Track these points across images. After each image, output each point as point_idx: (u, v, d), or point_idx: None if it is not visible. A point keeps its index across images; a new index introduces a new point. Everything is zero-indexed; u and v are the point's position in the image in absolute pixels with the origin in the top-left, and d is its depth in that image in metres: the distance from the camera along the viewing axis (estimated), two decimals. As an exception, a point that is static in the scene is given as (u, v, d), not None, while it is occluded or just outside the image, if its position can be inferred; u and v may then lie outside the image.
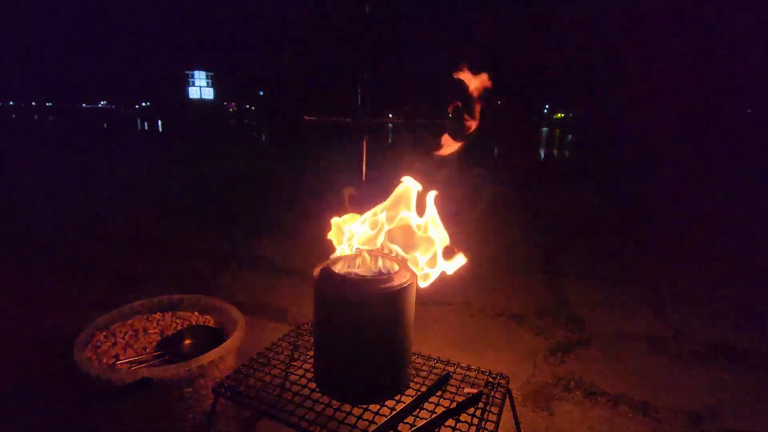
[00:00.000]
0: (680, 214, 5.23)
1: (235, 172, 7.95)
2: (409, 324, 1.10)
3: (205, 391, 1.40)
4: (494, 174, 7.34)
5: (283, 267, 3.11)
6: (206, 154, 10.51)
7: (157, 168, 8.15)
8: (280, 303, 2.53)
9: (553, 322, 2.37)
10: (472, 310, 2.51)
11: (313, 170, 7.76)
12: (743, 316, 2.54)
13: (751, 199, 6.18)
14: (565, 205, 5.61)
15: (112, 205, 4.96)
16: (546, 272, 3.13)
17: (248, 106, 35.96)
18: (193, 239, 3.72)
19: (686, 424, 1.62)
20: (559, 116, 24.01)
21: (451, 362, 1.27)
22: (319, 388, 1.11)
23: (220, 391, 1.12)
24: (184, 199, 5.50)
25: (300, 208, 5.04)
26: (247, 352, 1.52)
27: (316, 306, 1.07)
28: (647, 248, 3.81)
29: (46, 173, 7.22)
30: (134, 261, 3.16)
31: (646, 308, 2.61)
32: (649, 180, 7.97)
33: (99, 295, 2.56)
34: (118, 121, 28.92)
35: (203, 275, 2.94)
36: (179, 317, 1.72)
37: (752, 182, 8.07)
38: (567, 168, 10.57)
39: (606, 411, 1.69)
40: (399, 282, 1.03)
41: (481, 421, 1.00)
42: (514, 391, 1.78)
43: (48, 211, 4.64)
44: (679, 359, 2.07)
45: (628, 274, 3.14)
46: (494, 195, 4.79)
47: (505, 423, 1.55)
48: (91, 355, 1.44)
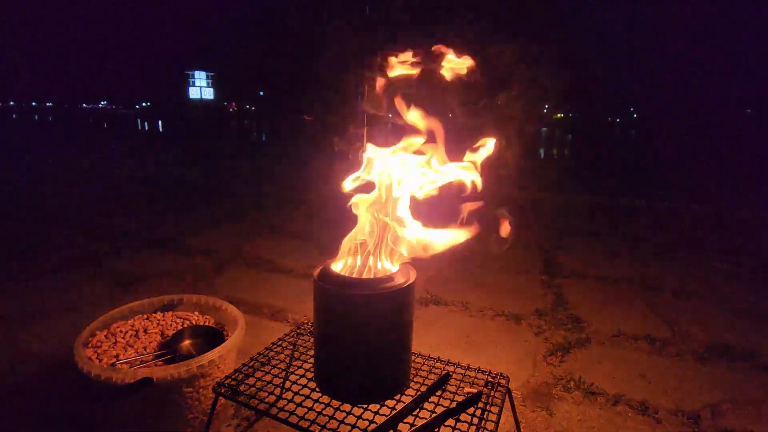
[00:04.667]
0: (682, 214, 5.23)
1: (235, 172, 7.95)
2: (409, 324, 1.10)
3: (205, 391, 1.40)
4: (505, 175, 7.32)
5: (283, 267, 3.11)
6: (206, 154, 10.52)
7: (157, 168, 8.16)
8: (280, 303, 2.53)
9: (553, 322, 2.37)
10: (471, 310, 2.51)
11: (312, 170, 7.76)
12: (743, 316, 2.54)
13: (751, 200, 6.17)
14: (565, 205, 5.61)
15: (112, 205, 4.96)
16: (546, 272, 3.13)
17: (248, 106, 36.02)
18: (193, 239, 3.72)
19: (686, 424, 1.62)
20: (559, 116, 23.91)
21: (450, 362, 1.27)
22: (319, 388, 1.11)
23: (220, 391, 1.12)
24: (183, 199, 5.50)
25: (300, 208, 5.05)
26: (247, 352, 1.52)
27: (316, 306, 1.07)
28: (647, 248, 3.81)
29: (46, 173, 7.22)
30: (134, 261, 3.17)
31: (646, 308, 2.61)
32: (652, 180, 7.98)
33: (99, 295, 2.57)
34: (118, 121, 28.94)
35: (203, 275, 2.94)
36: (179, 317, 1.72)
37: (755, 182, 8.07)
38: (567, 168, 10.57)
39: (606, 411, 1.69)
40: (399, 282, 1.03)
41: (481, 421, 1.00)
42: (514, 391, 1.78)
43: (48, 210, 4.64)
44: (679, 359, 2.07)
45: (628, 274, 3.14)
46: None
47: (505, 423, 1.55)
48: (91, 355, 1.44)
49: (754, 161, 10.55)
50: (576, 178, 7.86)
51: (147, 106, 52.23)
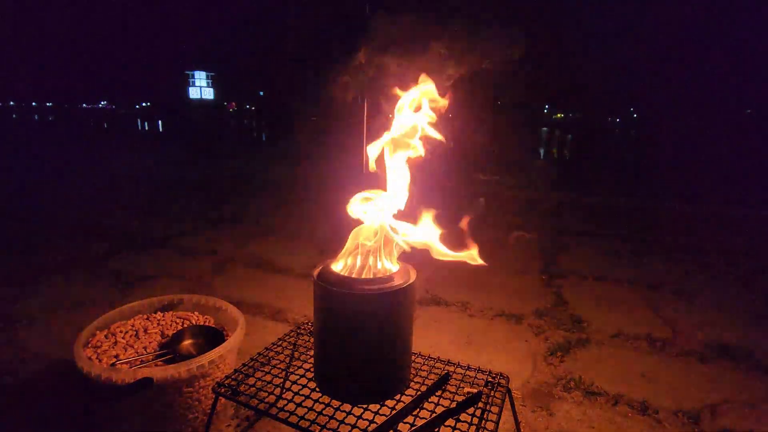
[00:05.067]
0: (682, 214, 5.23)
1: (235, 172, 7.95)
2: (408, 324, 1.10)
3: (205, 391, 1.40)
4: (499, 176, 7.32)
5: (283, 267, 3.11)
6: (206, 154, 10.52)
7: (157, 168, 8.15)
8: (280, 303, 2.53)
9: (553, 322, 2.37)
10: (471, 310, 2.51)
11: (312, 170, 7.76)
12: (743, 316, 2.54)
13: (752, 199, 6.17)
14: (565, 205, 5.61)
15: (112, 205, 4.96)
16: (546, 272, 3.13)
17: (248, 106, 35.97)
18: (193, 239, 3.72)
19: (686, 424, 1.62)
20: (559, 116, 23.73)
21: (450, 362, 1.27)
22: (319, 388, 1.11)
23: (220, 391, 1.12)
24: (184, 199, 5.50)
25: (300, 208, 5.04)
26: (247, 352, 1.52)
27: (316, 306, 1.07)
28: (647, 248, 3.81)
29: (46, 173, 7.22)
30: (134, 261, 3.17)
31: (646, 308, 2.61)
32: (652, 180, 7.98)
33: (99, 295, 2.57)
34: (118, 121, 28.95)
35: (203, 275, 2.94)
36: (179, 317, 1.72)
37: (754, 182, 8.07)
38: (567, 167, 10.57)
39: (606, 411, 1.69)
40: (398, 282, 1.03)
41: (481, 421, 1.00)
42: (514, 391, 1.78)
43: (48, 210, 4.64)
44: (679, 359, 2.07)
45: (628, 274, 3.14)
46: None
47: (505, 423, 1.55)
48: (91, 355, 1.44)
49: (754, 161, 10.55)
50: (576, 178, 7.86)
51: (147, 106, 51.97)
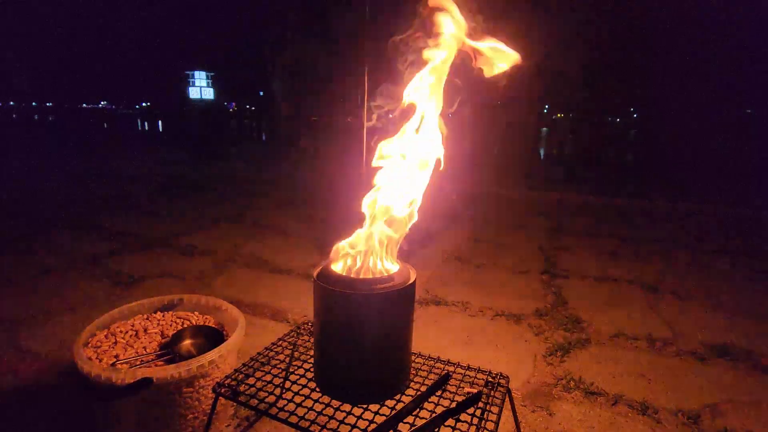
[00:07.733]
0: (682, 214, 5.23)
1: (235, 171, 7.95)
2: (408, 324, 1.10)
3: (205, 391, 1.40)
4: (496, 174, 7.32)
5: (283, 267, 3.11)
6: (206, 154, 10.51)
7: (157, 167, 8.15)
8: (280, 303, 2.53)
9: (553, 322, 2.37)
10: (471, 310, 2.51)
11: (312, 170, 7.76)
12: (743, 316, 2.54)
13: (751, 199, 6.17)
14: (565, 205, 5.61)
15: (112, 205, 4.96)
16: (546, 272, 3.13)
17: (248, 106, 35.90)
18: (193, 239, 3.72)
19: (686, 424, 1.62)
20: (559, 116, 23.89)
21: (450, 362, 1.27)
22: (319, 388, 1.11)
23: (220, 391, 1.12)
24: (183, 198, 5.50)
25: (300, 208, 5.04)
26: (247, 352, 1.52)
27: (316, 306, 1.07)
28: (647, 248, 3.81)
29: (46, 172, 7.22)
30: (134, 261, 3.17)
31: (646, 308, 2.61)
32: (652, 180, 7.97)
33: (99, 295, 2.57)
34: (118, 121, 28.96)
35: (203, 275, 2.94)
36: (179, 317, 1.72)
37: (755, 182, 8.07)
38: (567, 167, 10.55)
39: (606, 411, 1.69)
40: (398, 282, 1.03)
41: (481, 421, 1.00)
42: (514, 391, 1.78)
43: (48, 210, 4.64)
44: (679, 359, 2.07)
45: (628, 274, 3.14)
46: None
47: (504, 423, 1.55)
48: (91, 355, 1.44)
49: (754, 161, 10.54)
50: (576, 178, 7.86)
51: (147, 106, 52.21)
